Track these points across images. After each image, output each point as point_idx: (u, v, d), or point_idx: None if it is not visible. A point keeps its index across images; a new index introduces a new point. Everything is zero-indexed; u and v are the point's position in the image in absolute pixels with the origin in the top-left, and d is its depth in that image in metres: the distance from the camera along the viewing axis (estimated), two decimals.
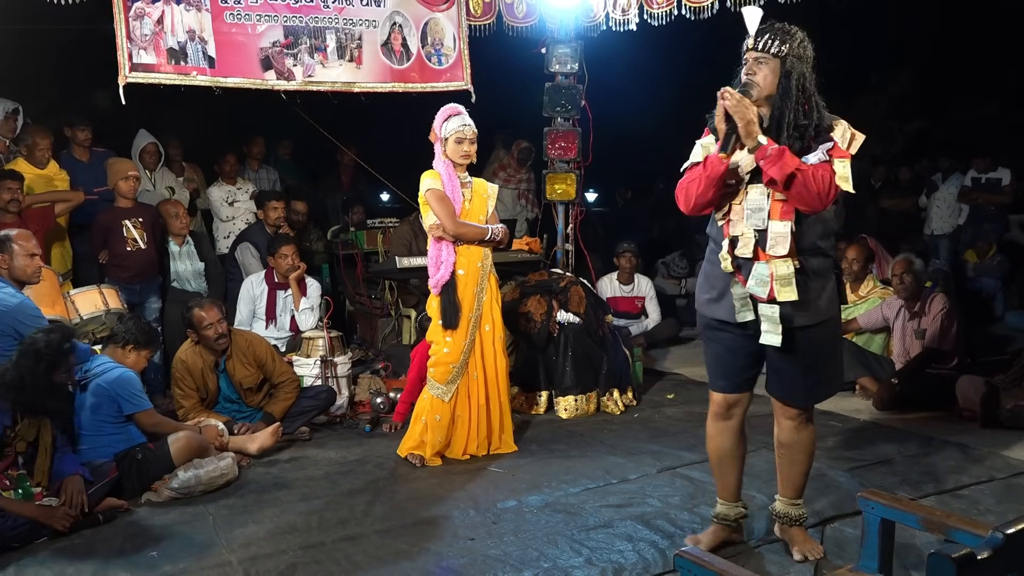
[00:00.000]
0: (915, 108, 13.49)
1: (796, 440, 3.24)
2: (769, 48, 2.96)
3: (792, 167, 2.88)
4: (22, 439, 3.66)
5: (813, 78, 3.00)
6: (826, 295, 3.06)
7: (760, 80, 2.96)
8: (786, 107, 2.94)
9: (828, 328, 3.10)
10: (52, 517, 3.56)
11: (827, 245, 3.08)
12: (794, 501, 3.30)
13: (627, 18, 5.94)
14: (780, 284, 2.98)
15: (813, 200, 2.90)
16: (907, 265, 5.67)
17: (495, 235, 4.52)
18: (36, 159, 5.96)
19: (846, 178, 2.93)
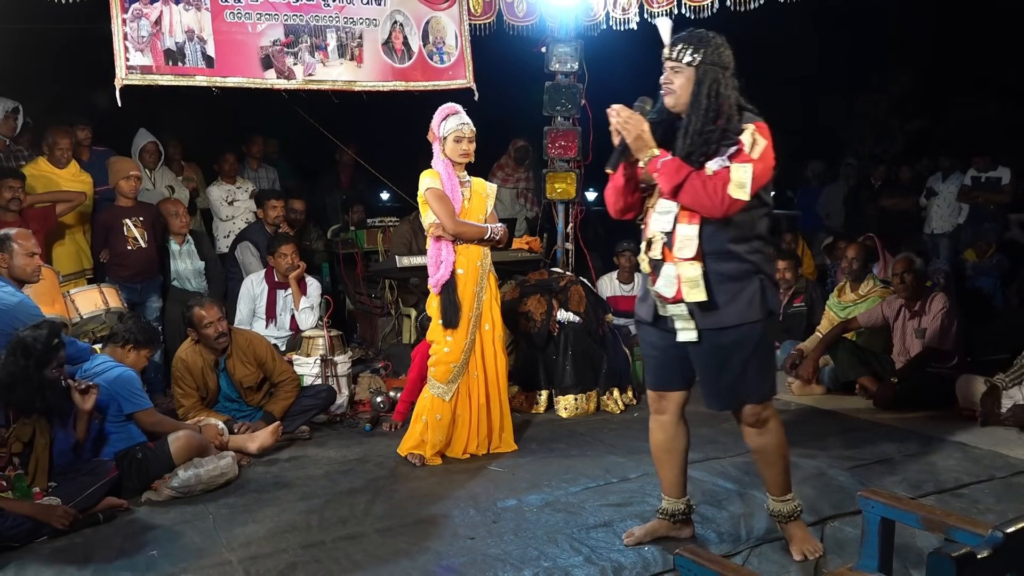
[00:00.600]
0: (915, 107, 13.50)
1: (762, 444, 3.22)
2: (682, 57, 3.01)
3: (679, 178, 2.93)
4: (17, 439, 3.65)
5: (732, 83, 3.01)
6: (742, 300, 3.02)
7: (676, 88, 3.02)
8: (694, 114, 2.97)
9: (744, 333, 3.04)
10: (51, 515, 3.55)
11: (744, 249, 3.02)
12: (782, 498, 3.29)
13: (627, 17, 5.95)
14: (688, 286, 2.99)
15: (707, 208, 2.93)
16: (908, 264, 5.67)
17: (495, 234, 4.53)
18: (55, 159, 5.97)
19: (741, 185, 2.89)
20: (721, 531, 3.56)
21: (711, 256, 3.01)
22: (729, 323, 3.02)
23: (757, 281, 3.04)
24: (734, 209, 2.92)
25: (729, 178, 2.89)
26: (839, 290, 6.34)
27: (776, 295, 3.17)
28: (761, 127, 2.95)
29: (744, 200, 2.90)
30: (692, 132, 2.97)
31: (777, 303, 3.17)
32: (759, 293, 3.04)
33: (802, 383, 5.89)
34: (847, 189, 9.80)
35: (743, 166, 2.89)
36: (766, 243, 3.11)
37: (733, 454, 4.53)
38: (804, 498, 3.84)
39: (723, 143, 2.94)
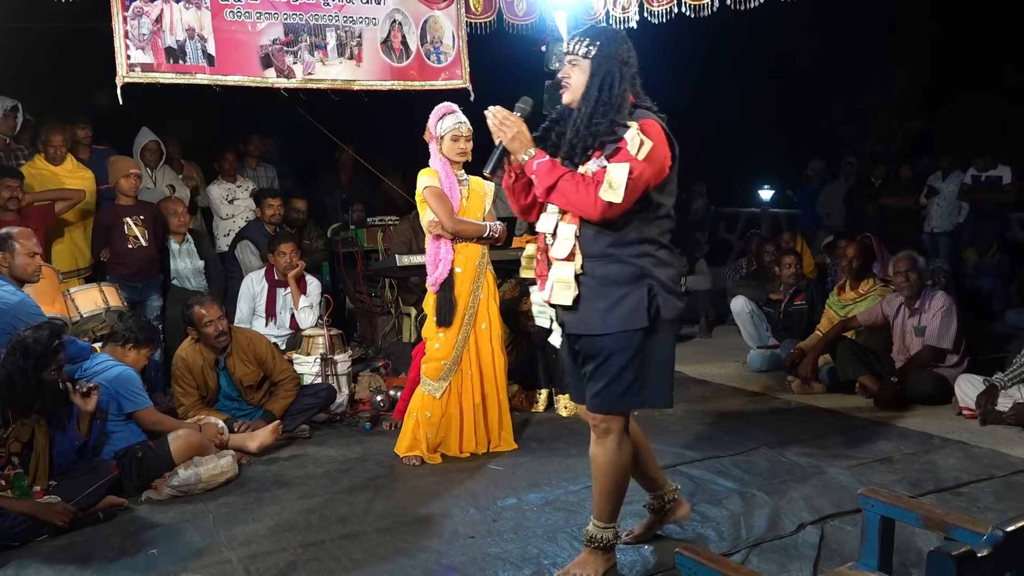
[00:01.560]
0: (915, 106, 13.50)
1: (594, 454, 3.09)
2: (578, 50, 2.94)
3: (552, 179, 2.84)
4: (16, 439, 3.65)
5: (629, 79, 2.92)
6: (624, 307, 2.87)
7: (572, 83, 2.95)
8: (584, 107, 2.90)
9: (626, 340, 2.88)
10: (51, 513, 3.55)
11: (629, 253, 2.88)
12: (600, 523, 3.11)
13: (627, 16, 5.94)
14: (559, 287, 2.92)
15: (581, 211, 2.83)
16: (911, 263, 5.66)
17: (493, 232, 4.53)
18: (50, 156, 5.97)
19: (612, 187, 2.75)
20: (721, 529, 3.56)
21: (592, 259, 2.90)
22: (611, 329, 2.88)
23: (646, 287, 2.88)
24: (611, 212, 2.79)
25: (604, 179, 2.77)
26: (839, 289, 6.34)
27: (673, 302, 2.95)
28: (649, 125, 2.83)
29: (617, 202, 2.76)
30: (580, 125, 2.90)
31: (673, 310, 2.95)
32: (645, 299, 2.88)
33: (802, 382, 5.89)
34: (847, 188, 9.81)
35: (619, 166, 2.76)
36: (660, 247, 2.94)
37: (733, 453, 4.54)
38: (804, 497, 3.86)
39: (608, 139, 2.84)
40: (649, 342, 2.92)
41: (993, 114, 12.24)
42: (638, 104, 2.95)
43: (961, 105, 12.85)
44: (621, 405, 2.99)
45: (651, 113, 2.92)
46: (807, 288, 6.84)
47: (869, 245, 6.54)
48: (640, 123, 2.83)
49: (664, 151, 2.86)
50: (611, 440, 3.04)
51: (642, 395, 2.99)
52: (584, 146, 2.89)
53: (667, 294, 2.93)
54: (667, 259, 2.96)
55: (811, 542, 3.42)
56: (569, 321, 2.97)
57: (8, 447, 3.62)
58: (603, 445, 3.06)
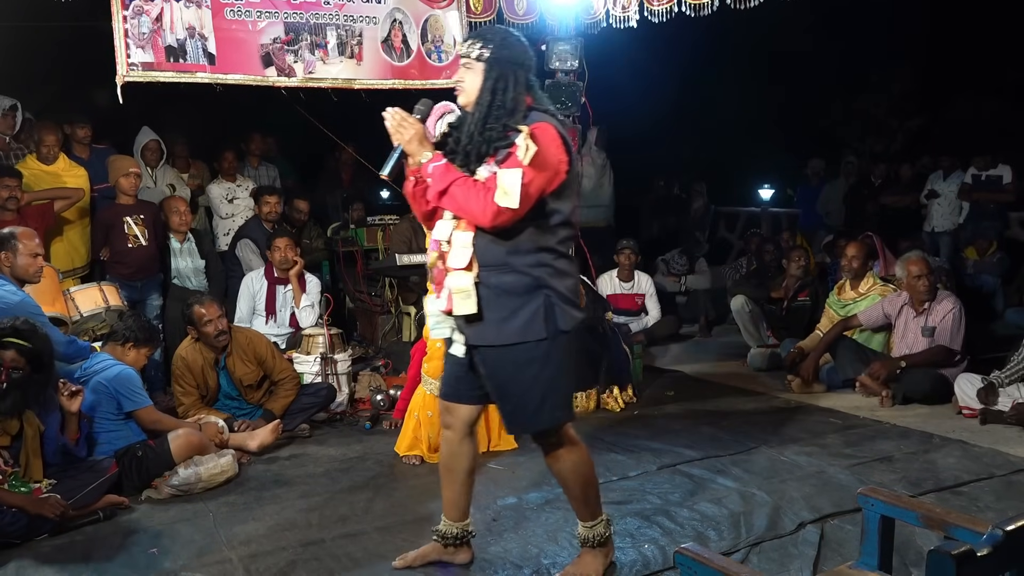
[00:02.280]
0: (915, 105, 13.50)
1: (556, 470, 3.06)
2: (471, 52, 2.86)
3: (445, 183, 2.77)
4: (4, 432, 3.64)
5: (524, 81, 2.85)
6: (522, 317, 2.80)
7: (467, 86, 2.88)
8: (477, 111, 2.83)
9: (526, 352, 2.82)
10: (42, 506, 3.54)
11: (526, 262, 2.81)
12: (588, 523, 3.11)
13: (627, 15, 5.93)
14: (459, 297, 2.82)
15: (474, 217, 2.76)
16: (927, 265, 5.65)
17: None
18: (42, 155, 5.97)
19: (506, 192, 2.67)
20: (721, 529, 3.57)
21: (489, 268, 2.82)
22: (507, 341, 2.82)
23: (542, 297, 2.81)
24: (503, 218, 2.71)
25: (496, 185, 2.69)
26: (839, 288, 6.34)
27: (571, 313, 2.88)
28: (541, 129, 2.75)
29: (512, 208, 2.68)
30: (473, 130, 2.82)
31: (570, 320, 2.87)
32: (543, 310, 2.81)
33: (802, 381, 5.89)
34: (847, 187, 9.80)
35: (511, 171, 2.68)
36: (558, 256, 2.86)
37: (733, 452, 4.54)
38: (804, 496, 3.86)
39: (501, 144, 2.77)
40: (547, 353, 2.85)
41: (993, 113, 12.25)
42: (535, 107, 2.87)
43: (961, 104, 12.86)
44: (539, 421, 2.94)
45: (547, 116, 2.85)
46: (811, 284, 6.83)
47: (871, 244, 6.53)
48: (531, 127, 2.74)
49: (557, 155, 2.77)
50: (562, 453, 3.00)
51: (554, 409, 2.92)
52: (478, 152, 2.81)
53: (564, 304, 2.86)
54: (565, 269, 2.89)
55: (811, 541, 3.42)
56: (466, 332, 2.91)
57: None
58: (557, 459, 3.02)
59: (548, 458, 3.05)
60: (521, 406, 2.92)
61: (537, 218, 2.80)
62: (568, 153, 2.82)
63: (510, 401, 2.94)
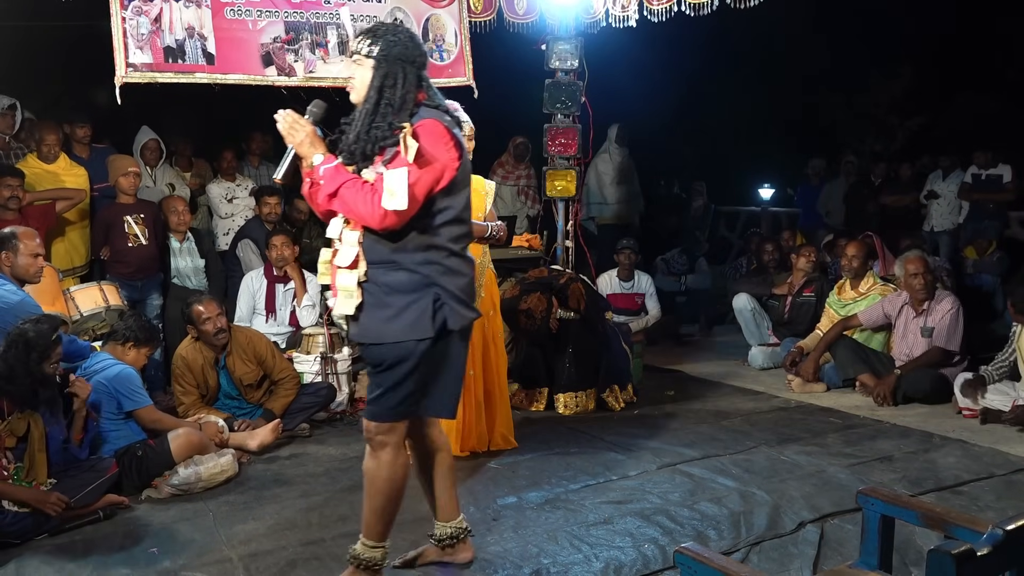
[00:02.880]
0: (915, 105, 13.50)
1: (368, 469, 2.96)
2: (361, 49, 2.82)
3: (334, 186, 2.71)
4: (11, 433, 3.65)
5: (414, 79, 2.80)
6: (407, 316, 2.76)
7: (357, 84, 2.84)
8: (364, 109, 2.79)
9: (402, 350, 2.78)
10: (44, 501, 3.55)
11: (414, 260, 2.77)
12: (369, 542, 2.98)
13: (627, 14, 5.93)
14: (342, 295, 2.81)
15: (364, 219, 2.71)
16: (925, 264, 5.65)
17: (494, 232, 4.52)
18: (43, 154, 5.97)
19: (392, 193, 2.63)
20: (721, 528, 3.57)
21: (376, 266, 2.79)
22: (393, 339, 2.77)
23: (431, 295, 2.78)
24: (392, 220, 2.67)
25: (382, 187, 2.65)
26: (839, 288, 6.34)
27: (461, 312, 2.84)
28: (424, 127, 2.72)
29: (401, 209, 2.64)
30: (360, 128, 2.79)
31: (460, 320, 2.84)
32: (431, 309, 2.77)
33: (802, 381, 5.89)
34: (847, 186, 9.80)
35: (395, 172, 2.65)
36: (450, 255, 2.83)
37: (733, 452, 4.54)
38: (804, 496, 3.86)
39: (388, 143, 2.74)
40: (434, 352, 2.82)
41: (994, 112, 12.25)
42: (427, 103, 2.83)
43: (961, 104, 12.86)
44: (396, 414, 2.89)
45: (436, 112, 2.81)
46: (818, 280, 6.82)
47: (871, 244, 6.54)
48: (415, 125, 2.72)
49: (446, 152, 2.74)
50: (386, 454, 2.92)
51: (420, 405, 2.91)
52: (364, 151, 2.78)
53: (455, 304, 2.82)
54: (457, 267, 2.86)
55: (811, 540, 3.43)
56: (352, 330, 2.87)
57: (3, 440, 3.62)
58: (378, 459, 2.93)
59: (371, 457, 2.95)
60: (382, 396, 2.86)
61: (426, 216, 2.77)
62: (458, 149, 2.78)
63: (377, 389, 2.87)
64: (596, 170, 8.68)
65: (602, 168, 8.80)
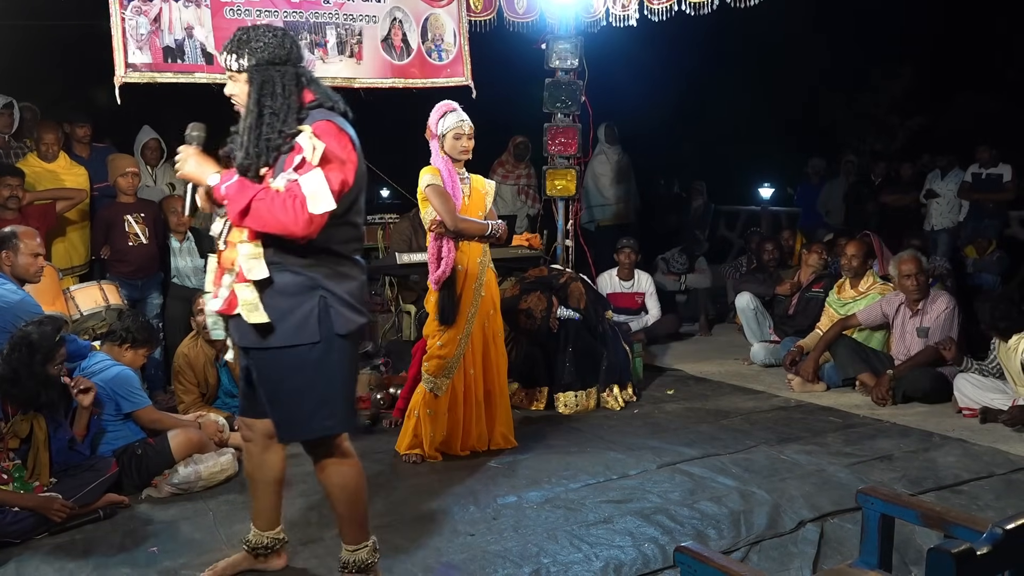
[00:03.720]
0: (916, 104, 13.50)
1: (323, 482, 2.91)
2: (231, 64, 2.73)
3: (245, 201, 2.61)
4: (14, 435, 3.65)
5: (293, 79, 2.72)
6: (295, 319, 2.69)
7: (239, 100, 2.76)
8: (247, 122, 2.71)
9: (298, 356, 2.71)
10: (48, 507, 3.55)
11: (302, 262, 2.70)
12: (352, 546, 2.95)
13: (627, 14, 5.94)
14: (246, 309, 2.68)
15: (288, 230, 2.59)
16: (918, 265, 5.65)
17: (495, 231, 4.52)
18: (43, 153, 5.97)
19: (315, 196, 2.55)
20: (721, 527, 3.57)
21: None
22: (278, 343, 2.69)
23: (317, 298, 2.70)
24: (318, 225, 2.59)
25: (303, 192, 2.56)
26: (839, 287, 6.33)
27: (349, 317, 2.76)
28: (323, 127, 2.64)
29: (330, 210, 2.59)
30: (248, 142, 2.69)
31: (348, 324, 2.76)
32: (317, 312, 2.70)
33: (802, 380, 5.89)
34: (847, 186, 9.80)
35: (311, 175, 2.57)
36: (339, 257, 2.77)
37: (733, 451, 4.54)
38: (804, 495, 3.86)
39: (284, 151, 2.66)
40: (323, 359, 2.73)
41: (994, 112, 12.25)
42: (315, 102, 2.75)
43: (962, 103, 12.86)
44: (310, 429, 2.80)
45: (329, 112, 2.73)
46: (827, 276, 6.80)
47: (869, 243, 6.54)
48: (313, 126, 2.64)
49: (346, 151, 2.68)
50: (330, 464, 2.86)
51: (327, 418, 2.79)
52: (257, 163, 2.69)
53: (342, 307, 2.74)
54: (346, 271, 2.80)
55: (811, 540, 3.43)
56: (236, 333, 2.76)
57: (6, 442, 3.62)
58: (325, 471, 2.88)
59: (316, 468, 2.90)
60: (292, 413, 2.78)
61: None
62: (355, 149, 2.73)
63: (281, 407, 2.79)
64: (592, 172, 8.69)
65: (599, 170, 8.81)
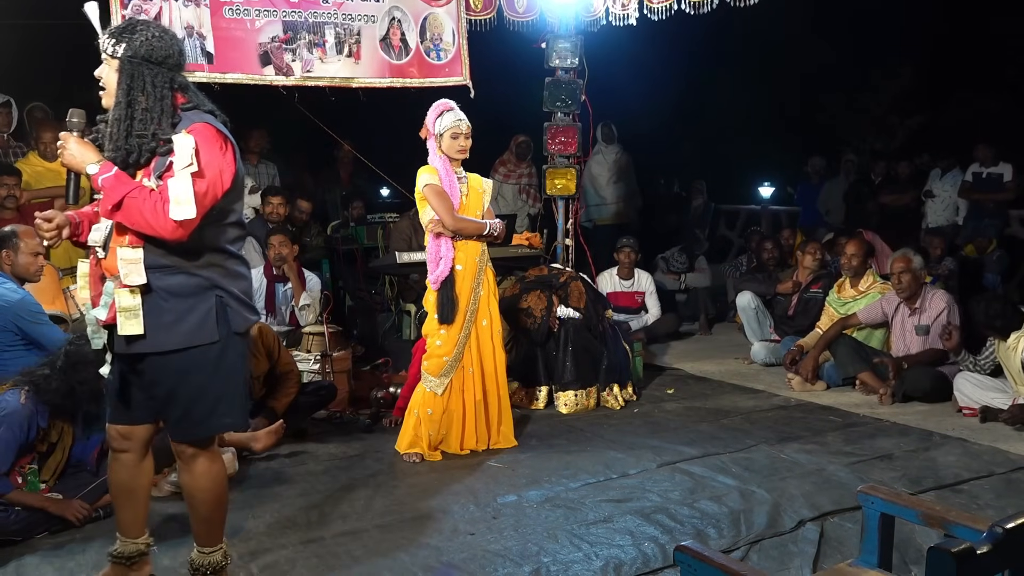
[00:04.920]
0: (915, 103, 13.49)
1: (191, 484, 2.87)
2: (107, 48, 2.68)
3: (117, 197, 2.56)
4: (46, 440, 3.68)
5: (168, 80, 2.68)
6: (191, 320, 2.68)
7: (108, 85, 2.70)
8: (115, 116, 2.65)
9: (194, 357, 2.70)
10: (66, 510, 3.58)
11: (195, 263, 2.68)
12: (206, 548, 2.92)
13: (627, 13, 5.93)
14: (124, 316, 2.64)
15: (153, 231, 2.58)
16: (906, 264, 5.65)
17: (493, 230, 4.52)
18: (42, 152, 5.97)
19: (180, 201, 2.54)
20: (721, 526, 3.57)
21: (153, 271, 2.65)
22: (177, 346, 2.67)
23: (213, 298, 2.70)
24: (183, 231, 2.58)
25: (168, 196, 2.55)
26: (839, 286, 6.34)
27: (244, 315, 2.79)
28: (199, 130, 2.63)
29: (191, 217, 2.56)
30: (118, 135, 2.64)
31: (244, 322, 2.79)
32: (215, 311, 2.70)
33: (802, 379, 5.89)
34: (847, 185, 9.80)
35: (179, 180, 2.55)
36: (230, 257, 2.77)
37: (732, 450, 4.54)
38: (804, 494, 3.86)
39: (160, 151, 2.62)
40: (222, 357, 2.75)
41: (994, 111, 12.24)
42: (189, 104, 2.74)
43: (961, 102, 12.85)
44: (208, 427, 2.82)
45: (205, 115, 2.72)
46: (825, 276, 6.81)
47: (869, 242, 6.54)
48: (190, 129, 2.63)
49: (222, 156, 2.67)
50: (201, 464, 2.86)
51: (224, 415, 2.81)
52: (126, 160, 2.64)
53: (239, 306, 2.77)
54: (237, 270, 2.80)
55: (811, 539, 3.43)
56: (124, 340, 2.69)
57: (36, 447, 3.65)
58: (193, 471, 2.86)
59: (184, 471, 2.87)
60: (190, 412, 2.77)
61: (205, 219, 2.66)
62: (232, 151, 2.71)
63: (180, 407, 2.77)
64: (590, 172, 8.69)
65: (596, 170, 8.81)
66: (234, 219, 2.78)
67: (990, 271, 8.23)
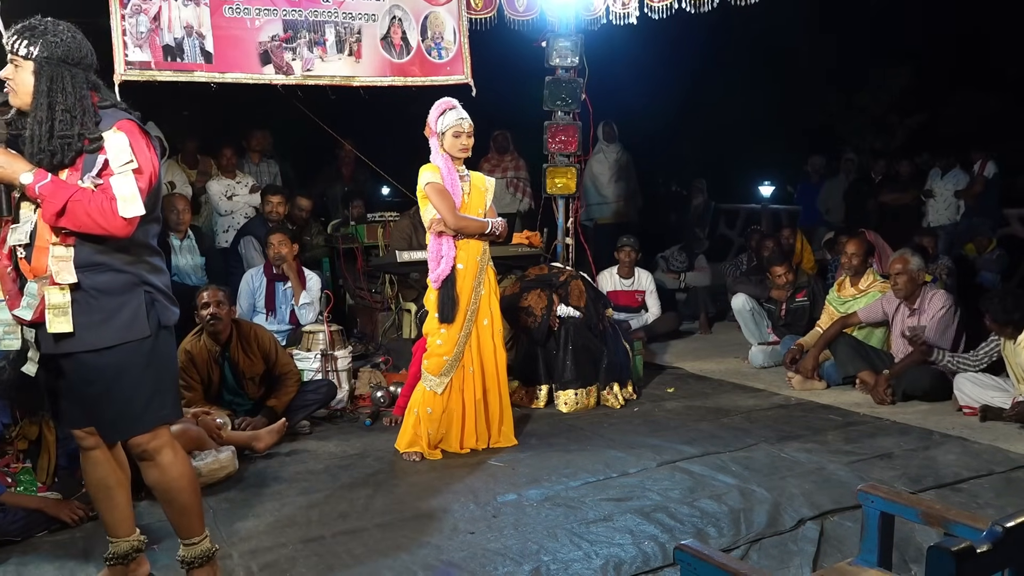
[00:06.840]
0: (915, 102, 13.50)
1: (155, 479, 2.85)
2: (18, 49, 2.64)
3: (60, 202, 2.54)
4: (23, 437, 3.66)
5: (84, 80, 2.67)
6: (124, 317, 2.68)
7: (18, 86, 2.66)
8: (34, 118, 2.62)
9: (127, 353, 2.70)
10: (61, 510, 3.57)
11: (121, 260, 2.69)
12: (190, 540, 2.93)
13: (627, 12, 5.94)
14: (53, 313, 2.60)
15: (105, 231, 2.59)
16: (902, 265, 5.65)
17: (495, 229, 4.52)
18: None
19: (126, 200, 2.57)
20: (721, 525, 3.57)
21: (82, 269, 2.64)
22: (109, 343, 2.67)
23: (142, 294, 2.72)
24: (132, 226, 2.61)
25: (115, 194, 2.57)
26: (839, 285, 6.34)
27: (171, 309, 2.81)
28: (128, 127, 2.66)
29: (141, 214, 2.61)
30: (39, 137, 2.60)
31: (172, 316, 2.81)
32: (144, 307, 2.71)
33: (802, 378, 5.89)
34: (847, 184, 9.81)
35: (123, 178, 2.58)
36: (153, 252, 2.78)
37: (733, 449, 4.54)
38: (804, 493, 3.86)
39: (88, 151, 2.62)
40: (153, 352, 2.76)
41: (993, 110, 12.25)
42: (105, 103, 2.74)
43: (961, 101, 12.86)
44: (145, 423, 2.78)
45: (124, 113, 2.73)
46: (808, 284, 6.85)
47: (869, 241, 6.54)
48: (117, 125, 2.64)
49: (149, 152, 2.69)
50: (164, 456, 2.83)
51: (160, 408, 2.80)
52: (51, 161, 2.61)
53: (165, 300, 2.80)
54: (160, 265, 2.83)
55: (811, 538, 3.43)
56: (51, 339, 2.66)
57: (15, 444, 3.63)
58: (158, 466, 2.83)
59: (151, 468, 2.85)
60: (123, 411, 2.76)
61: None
62: (153, 148, 2.73)
63: (114, 406, 2.75)
64: (591, 171, 8.69)
65: (597, 169, 8.81)
66: (155, 215, 2.80)
67: (989, 270, 8.24)
